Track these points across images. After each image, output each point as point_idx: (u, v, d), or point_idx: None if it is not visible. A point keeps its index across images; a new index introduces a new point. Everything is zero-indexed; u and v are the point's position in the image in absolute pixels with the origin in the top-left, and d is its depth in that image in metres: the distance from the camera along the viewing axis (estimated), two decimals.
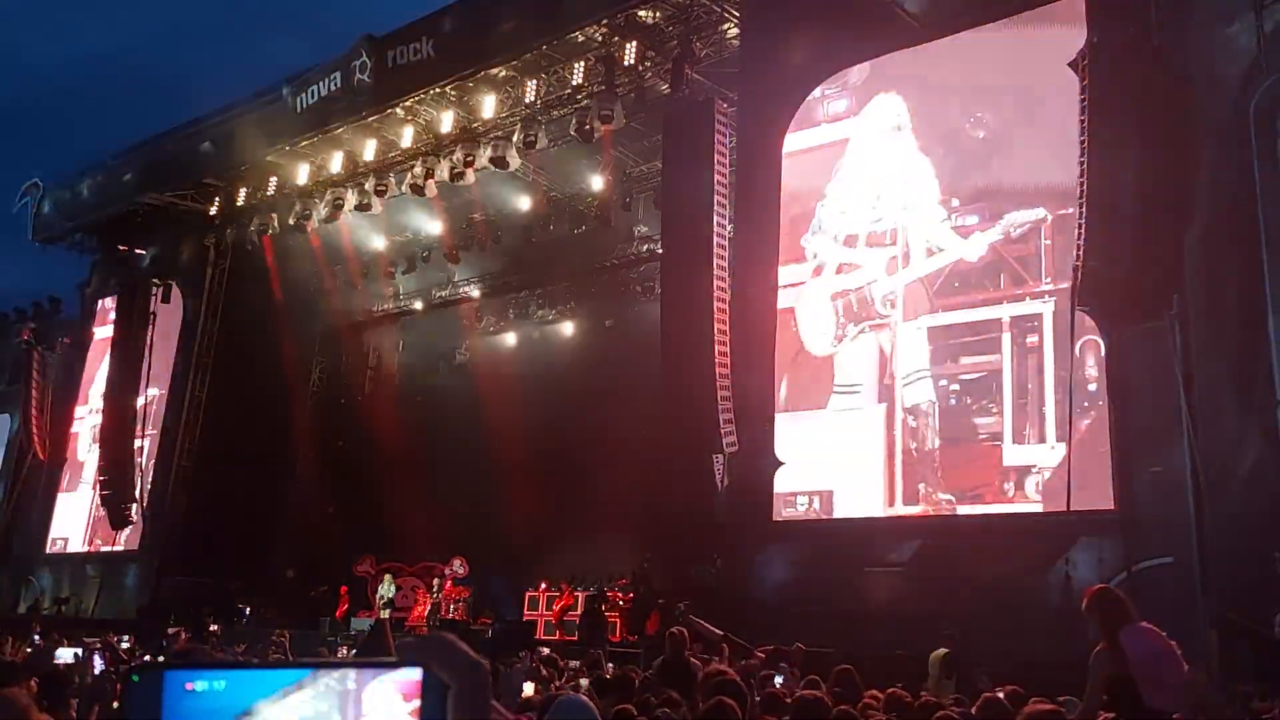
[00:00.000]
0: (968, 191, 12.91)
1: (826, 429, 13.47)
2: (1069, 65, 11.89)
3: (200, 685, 0.88)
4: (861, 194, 13.86)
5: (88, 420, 23.84)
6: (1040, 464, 11.66)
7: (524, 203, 20.74)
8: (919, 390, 12.77)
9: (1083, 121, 11.27)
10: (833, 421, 13.43)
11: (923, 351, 12.83)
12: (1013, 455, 11.98)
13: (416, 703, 0.89)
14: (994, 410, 12.24)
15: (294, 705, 0.87)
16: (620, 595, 16.48)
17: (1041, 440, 11.75)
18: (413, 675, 0.91)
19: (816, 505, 13.32)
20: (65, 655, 9.03)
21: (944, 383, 12.68)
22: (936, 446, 12.55)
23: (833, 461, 13.31)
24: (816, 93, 14.52)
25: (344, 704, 0.88)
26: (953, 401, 12.59)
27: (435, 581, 19.55)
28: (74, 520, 23.39)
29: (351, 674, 0.89)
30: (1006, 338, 12.28)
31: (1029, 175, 12.41)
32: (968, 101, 13.19)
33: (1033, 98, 12.53)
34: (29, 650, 10.09)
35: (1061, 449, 11.43)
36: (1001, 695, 5.79)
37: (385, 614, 18.53)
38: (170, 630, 8.67)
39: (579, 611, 16.49)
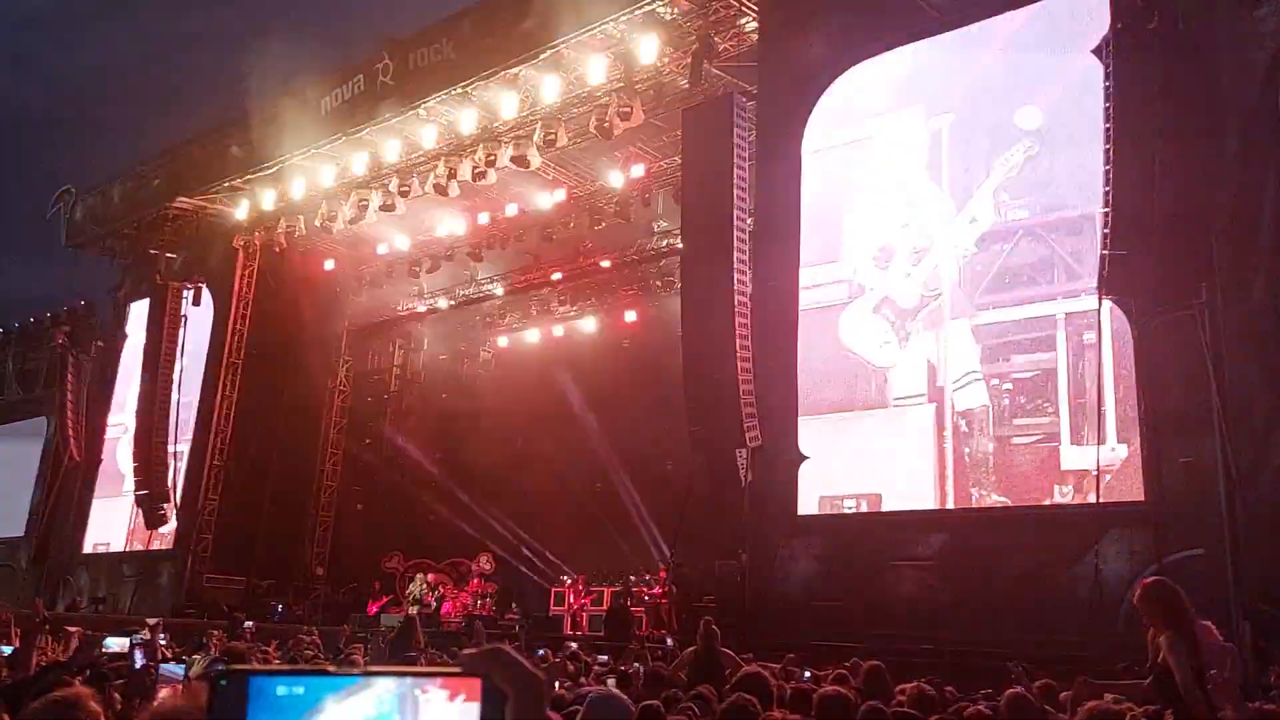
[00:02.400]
0: (1017, 185, 12.52)
1: (875, 431, 13.12)
2: (1092, 52, 11.78)
3: (281, 690, 0.95)
4: (890, 200, 13.62)
5: (124, 427, 24.13)
6: (1101, 465, 11.18)
7: (544, 200, 20.83)
8: (971, 392, 12.36)
9: (1107, 109, 11.16)
10: (881, 423, 13.09)
11: (973, 351, 12.44)
12: (1071, 457, 11.52)
13: (470, 706, 0.95)
14: (1050, 410, 11.79)
15: (358, 705, 0.95)
16: (645, 590, 16.53)
17: (1101, 441, 11.24)
18: (471, 683, 0.97)
19: (865, 509, 13.00)
20: (116, 644, 9.13)
21: (996, 383, 12.26)
22: (990, 450, 12.13)
23: (882, 464, 12.96)
24: (854, 87, 14.25)
25: (404, 705, 0.95)
26: (1006, 402, 12.15)
27: (425, 579, 19.91)
28: (115, 524, 23.71)
29: (411, 680, 0.96)
30: (1061, 335, 11.82)
31: (1080, 165, 11.87)
32: (1013, 91, 12.79)
33: (1081, 85, 11.99)
34: (66, 646, 10.25)
35: (1123, 449, 11.05)
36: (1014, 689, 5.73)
37: (414, 610, 18.71)
38: (151, 622, 9.08)
39: (604, 608, 16.57)
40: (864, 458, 13.21)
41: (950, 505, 12.37)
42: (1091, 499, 11.16)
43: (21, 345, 31.01)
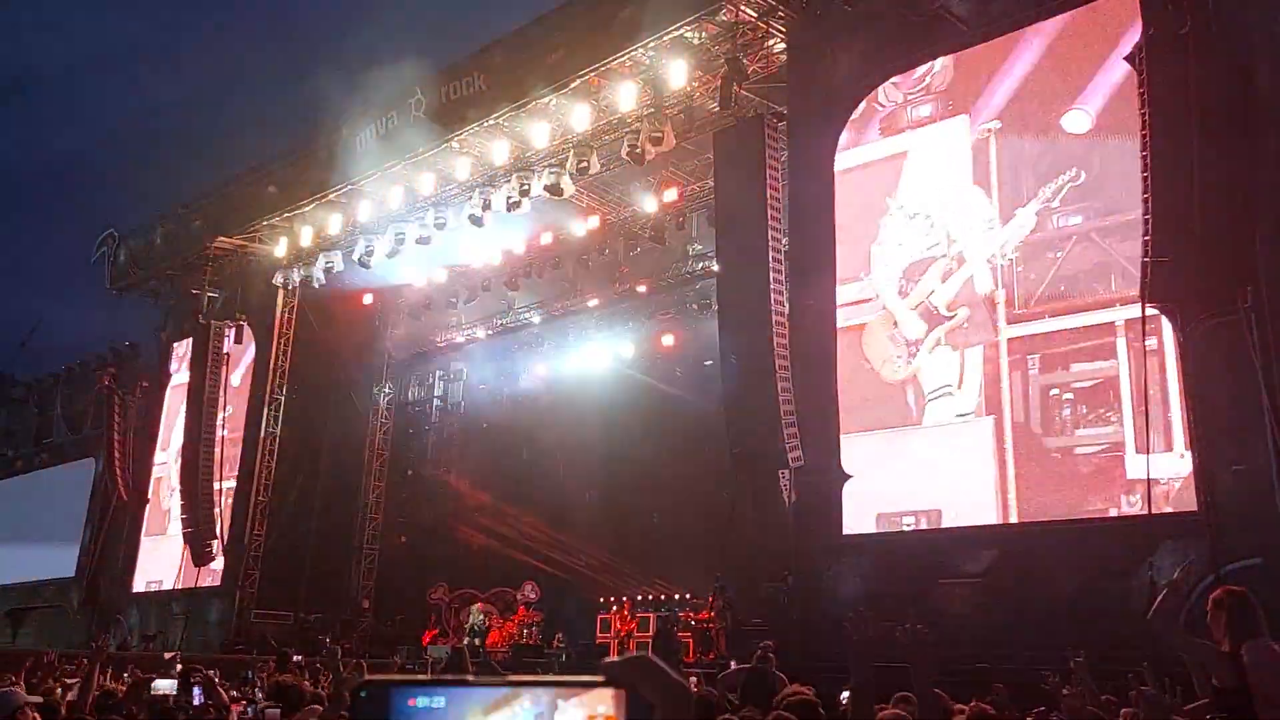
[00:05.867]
0: (1070, 190, 12.29)
1: (933, 446, 12.88)
2: (1125, 59, 11.69)
3: (421, 701, 0.95)
4: (925, 213, 13.48)
5: (170, 466, 24.47)
6: (1168, 474, 10.91)
7: (579, 227, 20.96)
8: (1029, 400, 12.14)
9: (1143, 115, 11.05)
10: (939, 438, 12.86)
11: (1031, 360, 12.22)
12: (1136, 466, 11.19)
13: (609, 716, 0.94)
14: (1112, 419, 11.51)
15: (499, 717, 0.94)
16: (692, 614, 16.43)
17: (1169, 449, 10.96)
18: (613, 694, 0.95)
19: (925, 525, 12.73)
20: (164, 686, 9.23)
21: (1056, 392, 12.01)
22: (1051, 460, 11.90)
23: (942, 479, 12.71)
24: (899, 98, 14.11)
25: (543, 716, 0.94)
26: (1066, 412, 11.91)
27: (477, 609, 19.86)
28: (166, 562, 23.96)
29: (550, 691, 0.95)
30: (1122, 342, 11.55)
31: (1131, 169, 11.40)
32: (1058, 97, 12.60)
33: (1126, 88, 11.77)
34: (125, 686, 10.37)
35: (1191, 457, 10.78)
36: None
37: (468, 641, 18.72)
38: (167, 656, 9.11)
39: (650, 633, 16.48)
40: (922, 474, 12.93)
41: (1014, 519, 12.11)
42: (1162, 508, 10.90)
43: (69, 388, 31.62)
